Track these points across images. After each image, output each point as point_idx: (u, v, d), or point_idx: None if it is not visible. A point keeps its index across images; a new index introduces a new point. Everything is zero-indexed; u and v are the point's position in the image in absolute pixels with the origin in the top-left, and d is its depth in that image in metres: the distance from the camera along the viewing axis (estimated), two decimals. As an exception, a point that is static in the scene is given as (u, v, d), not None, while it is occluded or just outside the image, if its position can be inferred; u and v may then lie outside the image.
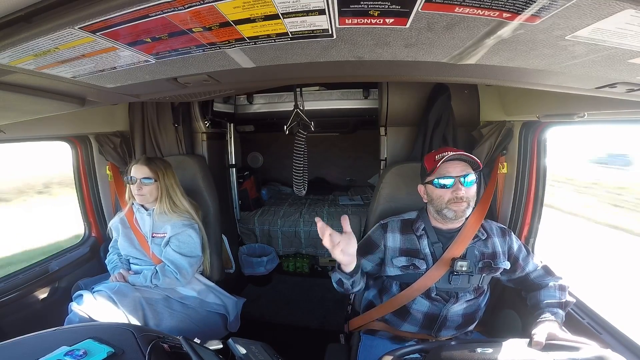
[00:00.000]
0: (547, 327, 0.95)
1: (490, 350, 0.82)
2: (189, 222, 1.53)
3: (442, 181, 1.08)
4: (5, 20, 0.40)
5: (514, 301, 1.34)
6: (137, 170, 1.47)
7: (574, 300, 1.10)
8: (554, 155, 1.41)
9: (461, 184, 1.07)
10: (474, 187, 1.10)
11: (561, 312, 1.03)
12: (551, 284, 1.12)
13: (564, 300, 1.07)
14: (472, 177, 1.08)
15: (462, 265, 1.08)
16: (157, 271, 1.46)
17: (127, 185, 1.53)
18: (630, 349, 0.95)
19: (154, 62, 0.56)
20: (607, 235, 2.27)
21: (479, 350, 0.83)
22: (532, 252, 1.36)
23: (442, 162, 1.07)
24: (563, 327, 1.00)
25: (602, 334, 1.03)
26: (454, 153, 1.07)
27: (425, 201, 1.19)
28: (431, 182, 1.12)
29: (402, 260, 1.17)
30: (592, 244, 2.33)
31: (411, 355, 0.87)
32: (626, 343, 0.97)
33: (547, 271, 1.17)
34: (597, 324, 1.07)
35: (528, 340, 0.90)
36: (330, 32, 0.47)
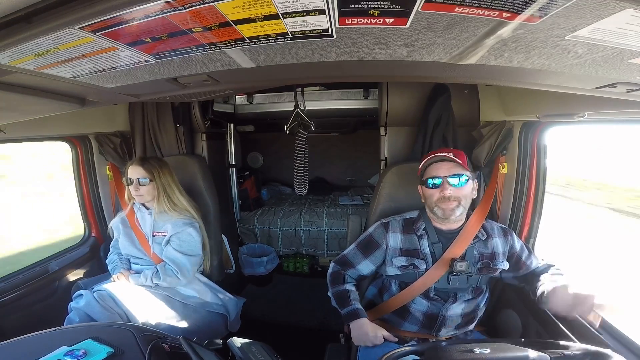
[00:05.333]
0: (560, 280, 1.03)
1: (488, 350, 0.83)
2: (189, 221, 1.53)
3: (432, 181, 1.13)
4: (5, 20, 0.40)
5: (514, 301, 1.34)
6: (133, 171, 1.47)
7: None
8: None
9: (448, 184, 1.10)
10: (466, 187, 1.11)
11: (562, 274, 1.10)
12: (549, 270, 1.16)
13: (558, 272, 1.12)
14: (464, 177, 1.10)
15: (461, 266, 1.09)
16: (157, 270, 1.46)
17: (126, 186, 1.53)
18: (630, 349, 0.95)
19: (154, 62, 0.56)
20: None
21: (477, 350, 0.83)
22: (533, 251, 1.36)
23: (427, 164, 1.15)
24: (563, 327, 1.00)
25: (602, 334, 1.03)
26: (435, 155, 1.13)
27: (423, 201, 1.21)
28: (424, 183, 1.16)
29: (401, 260, 1.17)
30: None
31: (411, 356, 0.87)
32: (626, 343, 0.97)
33: (549, 265, 1.19)
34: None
35: (524, 340, 0.90)
36: (330, 32, 0.47)
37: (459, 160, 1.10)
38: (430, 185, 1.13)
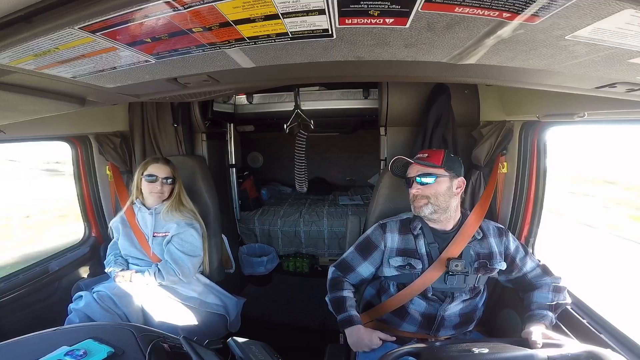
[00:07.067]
0: (536, 328, 0.97)
1: (486, 350, 0.82)
2: (192, 222, 1.55)
3: (406, 181, 1.22)
4: (5, 20, 0.40)
5: (514, 301, 1.34)
6: (159, 170, 1.50)
7: (569, 302, 1.11)
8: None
9: (415, 182, 1.17)
10: (434, 186, 1.14)
11: (550, 314, 1.05)
12: (546, 285, 1.13)
13: (554, 302, 1.08)
14: (430, 178, 1.14)
15: (457, 265, 1.09)
16: (158, 269, 1.46)
17: (136, 183, 1.53)
18: (631, 349, 0.95)
19: (154, 62, 0.56)
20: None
21: (475, 350, 0.83)
22: (532, 252, 1.36)
23: (391, 166, 1.29)
24: (564, 327, 1.00)
25: (602, 333, 1.03)
26: (402, 157, 1.23)
27: None
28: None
29: (398, 260, 1.17)
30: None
31: (410, 357, 0.87)
32: (626, 343, 0.97)
33: (545, 271, 1.17)
34: (597, 323, 1.07)
35: (522, 339, 0.90)
36: (330, 32, 0.47)
37: (409, 160, 1.20)
38: (406, 185, 1.22)
